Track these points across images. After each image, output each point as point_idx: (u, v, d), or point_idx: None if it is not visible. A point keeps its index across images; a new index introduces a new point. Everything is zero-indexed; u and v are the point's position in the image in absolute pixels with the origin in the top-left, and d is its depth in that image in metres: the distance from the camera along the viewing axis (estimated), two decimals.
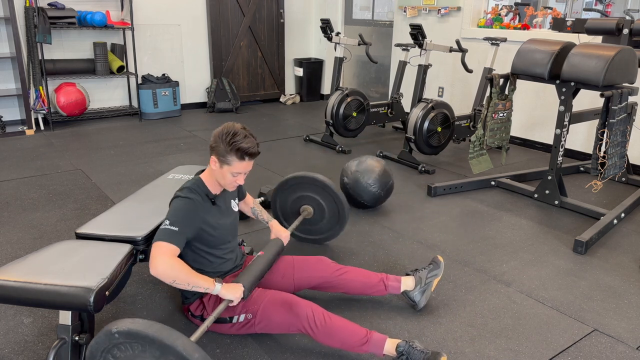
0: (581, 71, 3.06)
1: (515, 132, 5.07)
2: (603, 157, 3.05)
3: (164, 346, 1.44)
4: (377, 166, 3.31)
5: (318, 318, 1.91)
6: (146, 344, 1.47)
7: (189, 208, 1.91)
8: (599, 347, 2.08)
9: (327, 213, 2.73)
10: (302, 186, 2.71)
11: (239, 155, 1.88)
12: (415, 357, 1.86)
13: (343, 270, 2.24)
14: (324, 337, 1.91)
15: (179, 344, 1.44)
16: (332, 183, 2.66)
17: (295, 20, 7.04)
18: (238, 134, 1.87)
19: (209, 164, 1.98)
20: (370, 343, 1.90)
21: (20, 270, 1.71)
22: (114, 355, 1.52)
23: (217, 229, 2.00)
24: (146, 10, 5.84)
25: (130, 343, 1.48)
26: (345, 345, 1.91)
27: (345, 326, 1.92)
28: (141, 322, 1.47)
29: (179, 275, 1.78)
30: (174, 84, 5.99)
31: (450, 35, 5.38)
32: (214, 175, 1.97)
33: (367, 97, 4.88)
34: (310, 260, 2.26)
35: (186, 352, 1.43)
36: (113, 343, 1.49)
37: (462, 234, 3.09)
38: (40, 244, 2.84)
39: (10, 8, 4.73)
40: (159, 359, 1.48)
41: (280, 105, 6.94)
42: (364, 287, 2.24)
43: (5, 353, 1.97)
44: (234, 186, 2.00)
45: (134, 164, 4.27)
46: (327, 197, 2.69)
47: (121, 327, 1.46)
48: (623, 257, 2.84)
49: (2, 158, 4.36)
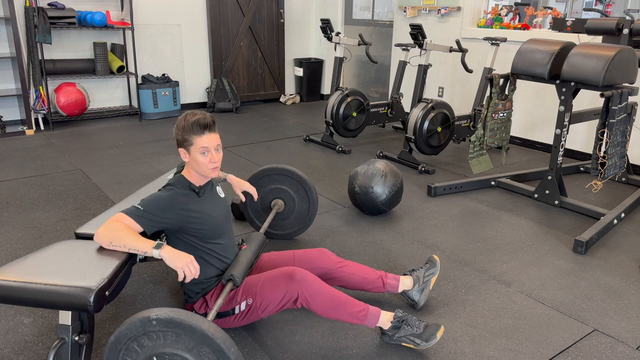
0: (581, 71, 3.06)
1: (515, 132, 5.07)
2: (603, 157, 3.05)
3: (204, 337, 1.44)
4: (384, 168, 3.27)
5: (315, 281, 1.92)
6: (182, 334, 1.46)
7: (164, 197, 1.92)
8: (599, 347, 2.08)
9: (297, 202, 2.81)
10: (270, 179, 2.78)
11: (195, 130, 1.90)
12: (412, 322, 1.98)
13: (344, 263, 2.25)
14: (321, 304, 1.91)
15: (219, 337, 1.44)
16: (297, 170, 2.76)
17: (295, 20, 7.04)
18: (187, 116, 1.93)
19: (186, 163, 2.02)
20: (368, 313, 1.96)
21: (20, 270, 1.71)
22: (141, 344, 1.51)
23: (206, 219, 1.99)
24: (146, 10, 5.84)
25: (164, 332, 1.47)
26: (342, 314, 1.93)
27: (343, 295, 1.95)
28: (182, 312, 1.47)
29: (115, 236, 1.78)
30: (174, 84, 5.99)
31: (450, 35, 5.38)
32: (192, 168, 1.99)
33: (367, 97, 4.88)
34: (311, 252, 2.27)
35: (225, 345, 1.43)
36: (146, 330, 1.48)
37: (462, 234, 3.09)
38: (40, 244, 2.84)
39: (10, 8, 4.73)
40: (191, 350, 1.47)
41: (280, 105, 6.94)
42: (363, 282, 2.25)
43: (5, 353, 1.97)
44: (213, 167, 1.97)
45: (134, 164, 4.27)
46: (293, 184, 2.76)
47: (161, 315, 1.45)
48: (623, 257, 2.84)
49: (2, 158, 4.36)
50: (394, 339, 2.01)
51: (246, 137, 5.20)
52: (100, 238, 1.81)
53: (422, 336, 1.97)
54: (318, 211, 3.36)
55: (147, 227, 1.87)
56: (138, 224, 1.85)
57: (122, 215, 1.84)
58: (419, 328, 1.99)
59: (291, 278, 1.92)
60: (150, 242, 1.80)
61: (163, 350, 1.50)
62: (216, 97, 6.35)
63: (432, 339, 1.96)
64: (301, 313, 2.25)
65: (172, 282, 2.49)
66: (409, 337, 1.98)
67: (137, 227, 1.86)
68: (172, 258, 1.79)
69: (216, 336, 1.44)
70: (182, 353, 1.49)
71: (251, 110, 6.52)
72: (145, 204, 1.89)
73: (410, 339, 1.98)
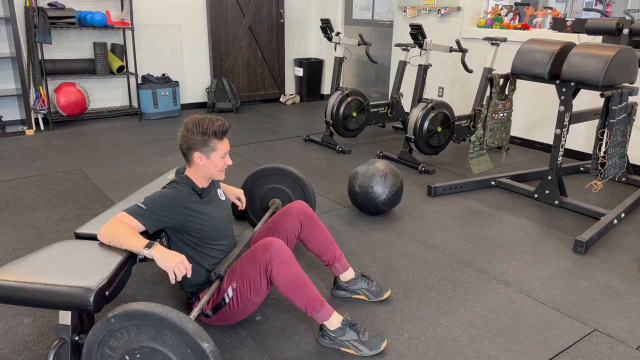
0: (581, 71, 3.06)
1: (515, 132, 5.07)
2: (603, 157, 3.05)
3: (159, 320, 1.47)
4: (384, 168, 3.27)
5: (289, 255, 1.93)
6: (141, 324, 1.49)
7: (168, 194, 1.93)
8: (599, 347, 2.08)
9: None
10: (267, 179, 2.78)
11: (218, 136, 1.94)
12: (359, 329, 2.01)
13: (316, 222, 2.30)
14: (285, 277, 1.91)
15: (173, 316, 1.47)
16: (294, 169, 2.76)
17: (295, 20, 7.04)
18: (204, 120, 1.93)
19: (188, 166, 2.02)
20: (323, 308, 1.97)
21: (20, 270, 1.71)
22: (111, 347, 1.54)
23: (206, 220, 2.00)
24: (146, 10, 5.84)
25: (125, 327, 1.51)
26: (299, 297, 1.93)
27: (309, 281, 1.96)
28: (134, 303, 1.51)
29: (114, 235, 1.81)
30: (174, 84, 5.99)
31: (450, 35, 5.38)
32: (201, 172, 2.00)
33: (367, 97, 4.88)
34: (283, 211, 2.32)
35: (180, 322, 1.46)
36: (109, 330, 1.52)
37: (462, 234, 3.09)
38: (40, 244, 2.84)
39: (10, 8, 4.73)
40: (155, 338, 1.50)
41: (280, 105, 6.94)
42: (319, 252, 2.31)
43: (5, 353, 1.97)
44: (224, 170, 2.03)
45: (134, 164, 4.27)
46: (290, 183, 2.77)
47: (117, 311, 1.50)
48: (623, 257, 2.84)
49: (2, 158, 4.36)
50: (336, 341, 2.00)
51: (246, 137, 5.20)
52: (102, 236, 1.85)
53: (366, 344, 1.99)
54: (318, 211, 3.36)
55: (148, 225, 1.88)
56: (140, 223, 1.86)
57: (124, 215, 1.86)
58: (364, 336, 2.01)
59: (266, 248, 1.93)
60: (143, 242, 1.80)
61: (132, 347, 1.53)
62: (216, 97, 6.35)
63: (375, 349, 1.98)
64: (301, 313, 2.25)
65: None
66: (352, 343, 1.98)
67: (139, 226, 1.86)
68: (162, 258, 1.78)
69: (170, 316, 1.47)
70: (149, 343, 1.52)
71: (251, 110, 6.52)
72: (148, 203, 1.90)
73: (353, 344, 1.98)
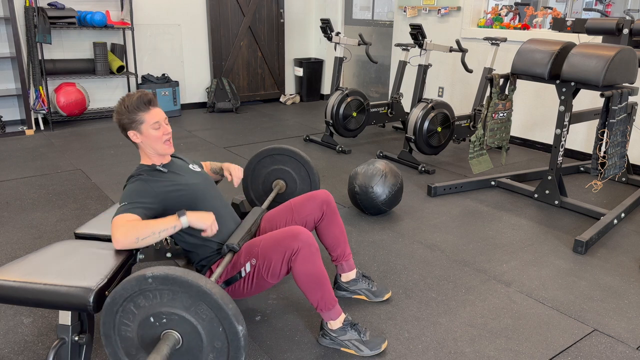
0: (581, 71, 3.06)
1: (515, 132, 5.07)
2: (603, 157, 3.05)
3: (201, 294, 1.42)
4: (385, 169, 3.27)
5: (316, 250, 1.91)
6: (178, 292, 1.44)
7: (135, 186, 1.90)
8: (599, 347, 2.08)
9: (298, 184, 2.78)
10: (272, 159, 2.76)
11: (141, 107, 1.91)
12: (360, 329, 2.02)
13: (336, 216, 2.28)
14: (307, 271, 1.89)
15: (217, 292, 1.42)
16: (300, 151, 2.74)
17: (295, 20, 7.04)
18: (125, 98, 1.93)
19: (139, 152, 2.01)
20: (334, 308, 1.98)
21: (20, 270, 1.71)
22: (137, 304, 1.48)
23: (182, 189, 1.97)
24: (146, 10, 5.84)
25: (161, 290, 1.45)
26: (315, 293, 1.92)
27: (328, 280, 1.95)
28: (178, 269, 1.45)
29: (139, 231, 1.74)
30: (173, 84, 5.99)
31: (450, 35, 5.38)
32: (146, 150, 1.97)
33: (367, 97, 4.88)
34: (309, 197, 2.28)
35: (223, 301, 1.42)
36: (142, 289, 1.45)
37: (462, 234, 3.09)
38: (40, 244, 2.84)
39: (10, 8, 4.73)
40: (188, 308, 1.45)
41: (280, 105, 6.94)
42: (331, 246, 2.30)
43: (5, 353, 1.97)
44: (167, 139, 1.97)
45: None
46: (296, 165, 2.75)
47: (157, 273, 1.43)
48: (623, 257, 2.84)
49: (2, 158, 4.36)
50: (337, 341, 2.00)
51: (246, 137, 5.20)
52: (123, 241, 1.73)
53: (367, 344, 1.99)
54: None
55: (141, 215, 1.83)
56: (134, 214, 1.81)
57: (119, 217, 1.79)
58: (365, 336, 2.01)
59: (295, 237, 1.90)
60: (171, 217, 1.81)
61: (160, 310, 1.47)
62: (216, 97, 6.35)
63: (376, 349, 1.98)
64: (301, 313, 2.25)
65: None
66: (353, 342, 1.99)
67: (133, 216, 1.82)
68: (199, 218, 1.84)
69: (213, 292, 1.42)
70: (179, 311, 1.46)
71: (251, 110, 6.52)
72: (125, 197, 1.86)
73: (354, 344, 1.99)
